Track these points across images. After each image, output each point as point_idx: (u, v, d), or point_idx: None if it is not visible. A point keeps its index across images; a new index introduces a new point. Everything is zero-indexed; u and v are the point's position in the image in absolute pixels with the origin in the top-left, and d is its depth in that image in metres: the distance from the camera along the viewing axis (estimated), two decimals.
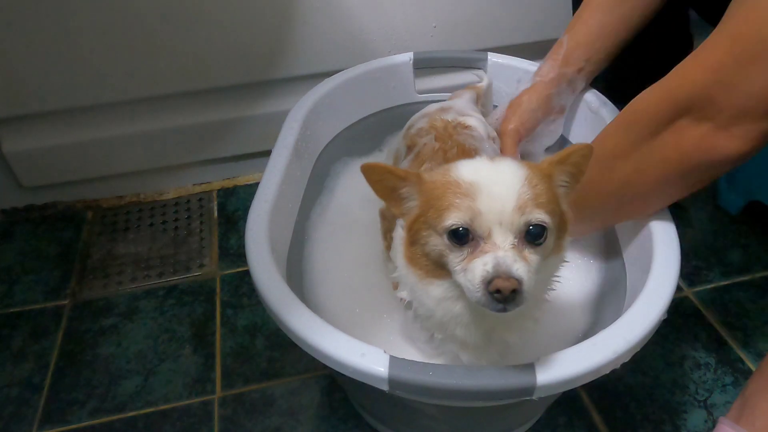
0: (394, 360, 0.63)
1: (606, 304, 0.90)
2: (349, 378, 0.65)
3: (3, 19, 1.11)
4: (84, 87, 1.22)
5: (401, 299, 0.77)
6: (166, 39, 1.20)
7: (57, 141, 1.29)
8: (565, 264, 0.71)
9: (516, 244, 0.60)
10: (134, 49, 1.20)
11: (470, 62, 1.18)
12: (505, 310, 0.59)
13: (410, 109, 1.19)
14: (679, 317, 1.09)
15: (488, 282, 0.58)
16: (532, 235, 0.61)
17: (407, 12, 1.29)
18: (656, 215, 0.81)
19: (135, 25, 1.17)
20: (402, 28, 1.30)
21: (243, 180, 1.45)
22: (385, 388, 0.64)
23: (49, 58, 1.17)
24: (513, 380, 0.62)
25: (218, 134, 1.36)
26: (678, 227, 0.79)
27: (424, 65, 1.17)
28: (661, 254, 0.76)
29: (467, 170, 0.64)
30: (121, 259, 1.26)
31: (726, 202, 1.28)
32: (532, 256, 0.61)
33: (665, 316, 0.69)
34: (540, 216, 0.60)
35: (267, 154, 0.96)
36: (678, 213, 1.25)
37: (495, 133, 1.02)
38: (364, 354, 0.64)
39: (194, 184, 1.45)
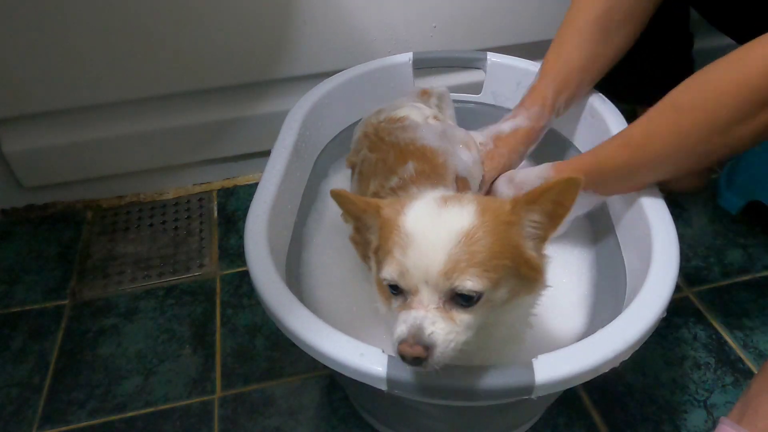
0: (392, 360, 0.63)
1: (605, 303, 0.90)
2: (349, 378, 0.65)
3: (3, 19, 1.11)
4: (84, 87, 1.22)
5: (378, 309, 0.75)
6: (166, 39, 1.20)
7: (57, 141, 1.29)
8: (546, 291, 0.67)
9: (442, 305, 0.58)
10: (134, 49, 1.20)
11: (470, 62, 1.18)
12: (417, 371, 0.59)
13: None
14: (679, 317, 1.09)
15: (399, 343, 0.57)
16: (463, 298, 0.58)
17: (407, 12, 1.29)
18: (656, 215, 0.81)
19: (135, 25, 1.17)
20: (402, 28, 1.30)
21: (243, 180, 1.46)
22: (383, 387, 0.64)
23: (50, 58, 1.17)
24: (512, 379, 0.62)
25: (218, 134, 1.36)
26: (678, 227, 0.79)
27: (424, 65, 1.17)
28: (660, 253, 0.76)
29: (410, 216, 0.61)
30: (121, 259, 1.26)
31: (726, 202, 1.28)
32: (462, 316, 0.59)
33: (664, 315, 0.69)
34: (468, 284, 0.57)
35: (267, 154, 0.96)
36: (678, 213, 1.26)
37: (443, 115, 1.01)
38: (363, 354, 0.64)
39: (194, 184, 1.45)
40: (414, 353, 0.56)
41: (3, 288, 1.21)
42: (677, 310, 1.10)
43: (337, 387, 1.00)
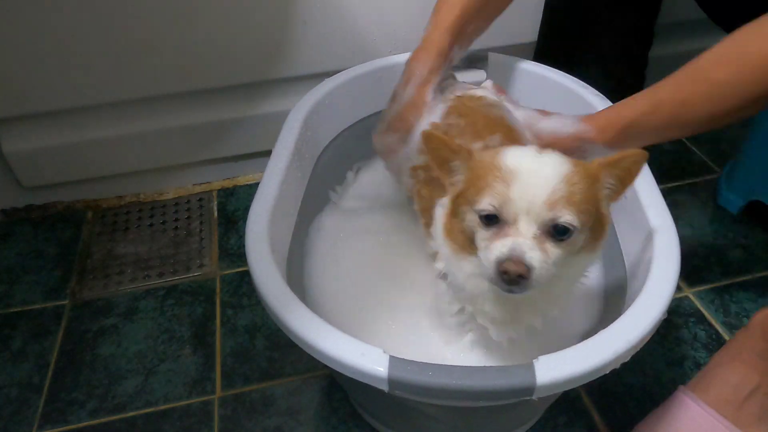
0: (393, 360, 0.63)
1: (606, 304, 0.90)
2: (349, 378, 0.65)
3: (3, 19, 1.11)
4: (84, 87, 1.22)
5: (439, 271, 0.80)
6: (165, 39, 1.20)
7: (57, 141, 1.29)
8: (597, 262, 0.73)
9: (538, 234, 0.63)
10: (134, 49, 1.20)
11: (470, 62, 1.17)
12: (511, 291, 0.63)
13: None
14: (679, 317, 1.09)
15: (501, 262, 0.61)
16: (558, 231, 0.63)
17: (407, 12, 1.28)
18: (656, 215, 0.81)
19: (135, 26, 1.17)
20: (402, 28, 1.30)
21: (243, 180, 1.46)
22: (384, 388, 0.64)
23: (50, 58, 1.17)
24: (513, 380, 0.62)
25: (218, 134, 1.36)
26: (678, 227, 0.79)
27: None
28: (661, 254, 0.76)
29: (512, 157, 0.66)
30: (121, 259, 1.26)
31: (726, 201, 1.28)
32: (553, 249, 0.63)
33: (665, 316, 0.69)
34: (568, 217, 0.62)
35: (267, 154, 0.95)
36: (678, 213, 1.26)
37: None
38: (364, 354, 0.64)
39: (194, 184, 1.45)
40: (519, 270, 0.61)
41: (3, 288, 1.21)
42: (677, 310, 1.10)
43: (337, 387, 1.00)
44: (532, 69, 1.11)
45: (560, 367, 0.63)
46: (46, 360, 1.07)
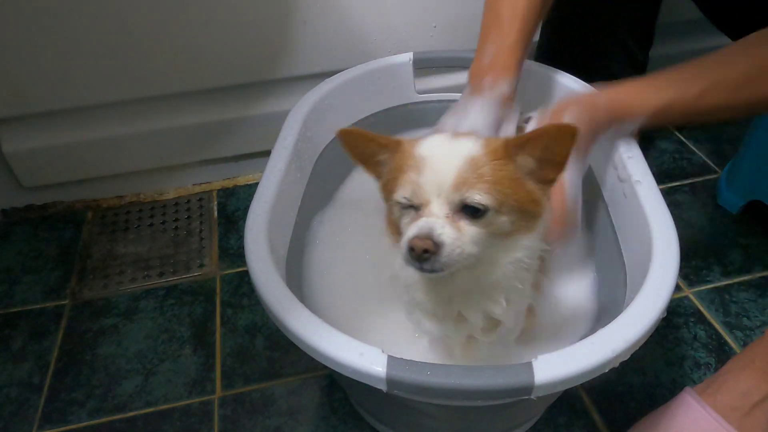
0: (392, 360, 0.63)
1: (605, 303, 0.90)
2: (348, 378, 0.65)
3: (3, 19, 1.11)
4: (84, 87, 1.23)
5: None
6: (165, 39, 1.20)
7: (57, 141, 1.29)
8: (544, 250, 0.72)
9: (451, 215, 0.64)
10: (134, 49, 1.20)
11: (470, 62, 1.17)
12: (423, 270, 0.63)
13: (410, 109, 1.20)
14: (679, 317, 1.09)
15: (409, 241, 0.62)
16: (470, 210, 0.64)
17: (407, 12, 1.29)
18: (656, 215, 0.81)
19: (135, 25, 1.17)
20: (402, 28, 1.30)
21: (243, 180, 1.46)
22: (383, 387, 0.64)
23: (50, 59, 1.18)
24: (511, 379, 0.62)
25: (218, 134, 1.36)
26: (678, 227, 0.79)
27: (424, 65, 1.17)
28: (660, 253, 0.75)
29: (425, 145, 0.68)
30: (121, 259, 1.26)
31: (726, 201, 1.28)
32: (468, 227, 0.64)
33: (664, 315, 0.69)
34: (477, 196, 0.63)
35: (267, 154, 0.95)
36: (678, 213, 1.26)
37: None
38: (363, 354, 0.64)
39: (194, 184, 1.45)
40: (424, 245, 0.61)
41: (3, 288, 1.21)
42: (677, 310, 1.10)
43: (337, 387, 1.00)
44: (532, 69, 1.10)
45: (559, 366, 0.62)
46: (46, 360, 1.07)
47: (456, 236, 0.63)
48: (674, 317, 1.09)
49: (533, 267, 0.72)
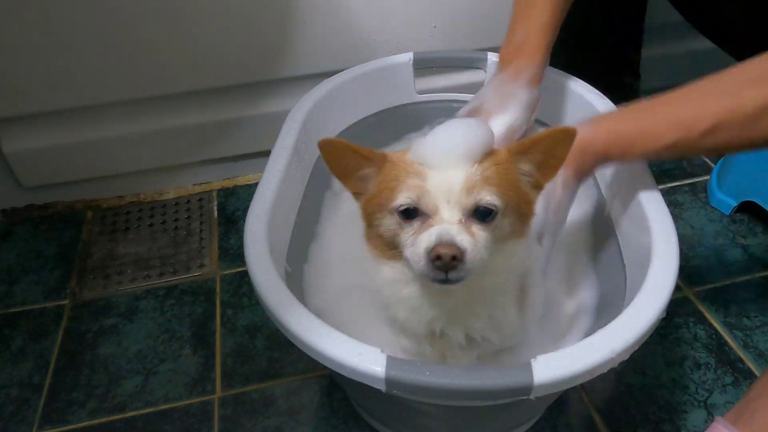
0: (391, 360, 0.63)
1: (605, 303, 0.90)
2: (348, 378, 0.65)
3: (3, 19, 1.11)
4: (84, 87, 1.23)
5: None
6: (166, 39, 1.20)
7: (57, 141, 1.29)
8: (531, 257, 0.72)
9: (463, 219, 0.62)
10: (134, 49, 1.20)
11: (470, 62, 1.17)
12: (447, 280, 0.61)
13: (410, 109, 1.20)
14: (679, 317, 1.09)
15: (431, 250, 0.60)
16: (482, 213, 0.63)
17: (407, 12, 1.29)
18: (656, 215, 0.81)
19: (135, 26, 1.17)
20: (402, 28, 1.30)
21: (243, 180, 1.46)
22: (382, 387, 0.64)
23: (50, 58, 1.18)
24: (510, 380, 0.62)
25: (218, 134, 1.36)
26: (678, 227, 0.79)
27: (424, 65, 1.17)
28: (660, 253, 0.75)
29: (426, 149, 0.66)
30: (121, 259, 1.26)
31: (718, 203, 1.28)
32: (480, 232, 0.63)
33: (664, 315, 0.69)
34: (489, 198, 0.62)
35: (267, 154, 0.95)
36: (678, 213, 1.26)
37: None
38: (362, 354, 0.64)
39: (194, 184, 1.45)
40: (452, 252, 0.59)
41: (3, 288, 1.21)
42: (677, 310, 1.10)
43: (337, 387, 1.00)
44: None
45: (558, 366, 0.62)
46: (46, 360, 1.07)
47: (473, 241, 0.61)
48: (674, 317, 1.09)
49: (520, 276, 0.72)
